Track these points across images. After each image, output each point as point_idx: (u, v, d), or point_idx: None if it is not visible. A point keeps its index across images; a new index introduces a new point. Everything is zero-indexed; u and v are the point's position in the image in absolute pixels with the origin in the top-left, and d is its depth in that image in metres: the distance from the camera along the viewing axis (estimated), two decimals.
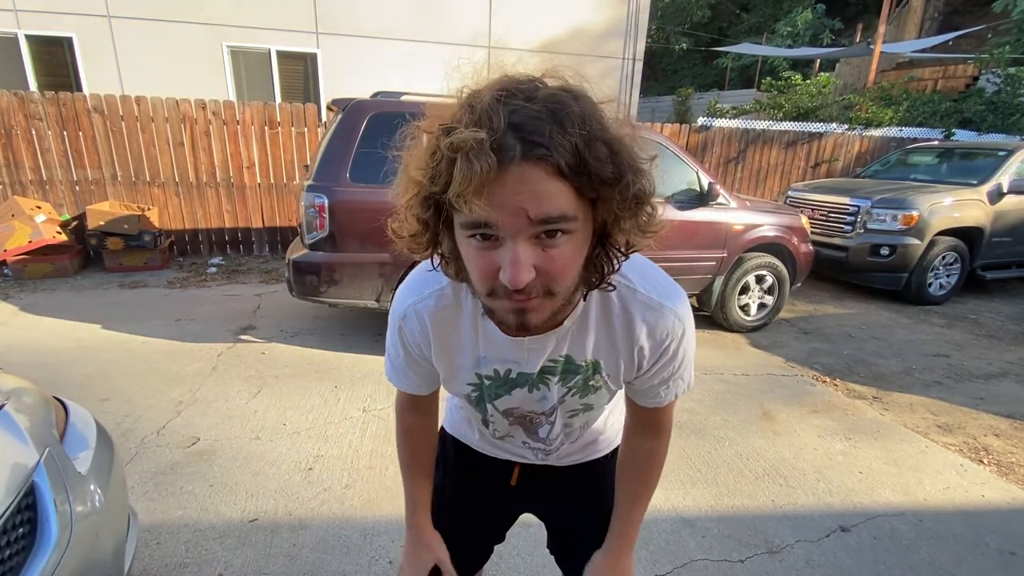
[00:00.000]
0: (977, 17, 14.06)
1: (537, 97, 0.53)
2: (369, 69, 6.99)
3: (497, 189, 0.51)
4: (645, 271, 0.74)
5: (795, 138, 7.31)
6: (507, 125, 0.51)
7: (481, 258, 0.58)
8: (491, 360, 0.78)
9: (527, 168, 0.51)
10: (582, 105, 0.54)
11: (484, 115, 0.52)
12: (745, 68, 17.93)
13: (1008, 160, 5.12)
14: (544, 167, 0.51)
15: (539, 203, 0.52)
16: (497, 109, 0.52)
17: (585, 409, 0.85)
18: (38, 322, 3.67)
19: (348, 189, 3.10)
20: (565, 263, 0.58)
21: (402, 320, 0.80)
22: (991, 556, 1.91)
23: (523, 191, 0.52)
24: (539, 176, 0.51)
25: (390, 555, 1.78)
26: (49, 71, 6.24)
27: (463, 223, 0.57)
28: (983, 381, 3.43)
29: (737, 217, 3.85)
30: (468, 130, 0.51)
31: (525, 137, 0.51)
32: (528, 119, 0.51)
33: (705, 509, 2.08)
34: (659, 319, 0.72)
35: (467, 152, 0.50)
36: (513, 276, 0.55)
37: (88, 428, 1.34)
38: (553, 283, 0.58)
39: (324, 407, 2.71)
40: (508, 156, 0.50)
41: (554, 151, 0.51)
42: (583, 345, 0.75)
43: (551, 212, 0.53)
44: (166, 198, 5.47)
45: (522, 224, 0.53)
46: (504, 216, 0.53)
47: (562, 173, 0.52)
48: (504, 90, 0.53)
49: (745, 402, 2.97)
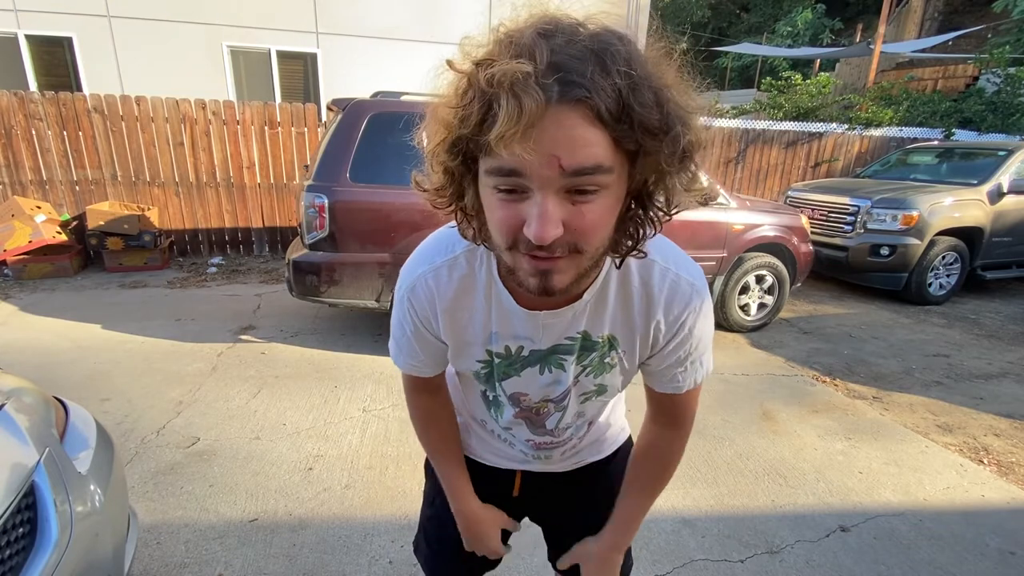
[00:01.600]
0: (977, 17, 14.07)
1: (579, 37, 0.49)
2: (369, 69, 6.99)
3: (531, 134, 0.47)
4: (664, 245, 0.71)
5: (795, 138, 7.31)
6: (548, 64, 0.46)
7: (505, 209, 0.53)
8: (503, 336, 0.74)
9: (564, 111, 0.47)
10: (627, 47, 0.49)
11: (526, 49, 0.47)
12: (745, 68, 17.95)
13: (1008, 160, 5.12)
14: (583, 111, 0.47)
15: (574, 151, 0.48)
16: (540, 44, 0.47)
17: (599, 391, 0.81)
18: (38, 322, 3.67)
19: (348, 189, 3.10)
20: (596, 220, 0.53)
21: (410, 292, 0.75)
22: (991, 556, 1.91)
23: (559, 136, 0.47)
24: (576, 121, 0.47)
25: (390, 555, 1.78)
26: (49, 71, 6.23)
27: (489, 170, 0.52)
28: (983, 381, 3.43)
29: (737, 217, 3.85)
30: (512, 62, 0.46)
31: (564, 77, 0.46)
32: (568, 58, 0.47)
33: (705, 509, 2.08)
34: (677, 291, 0.69)
35: (511, 87, 0.45)
36: (539, 231, 0.50)
37: (88, 428, 1.34)
38: (581, 240, 0.53)
39: (324, 407, 2.71)
40: (545, 97, 0.46)
41: (595, 93, 0.46)
42: (601, 319, 0.71)
43: (586, 162, 0.48)
44: (166, 198, 5.46)
45: (553, 174, 0.49)
46: (535, 164, 0.48)
47: (602, 119, 0.47)
48: (547, 26, 0.49)
49: (745, 402, 2.97)
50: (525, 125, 0.46)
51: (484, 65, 0.48)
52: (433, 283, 0.73)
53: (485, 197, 0.56)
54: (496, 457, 0.96)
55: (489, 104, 0.47)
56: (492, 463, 0.97)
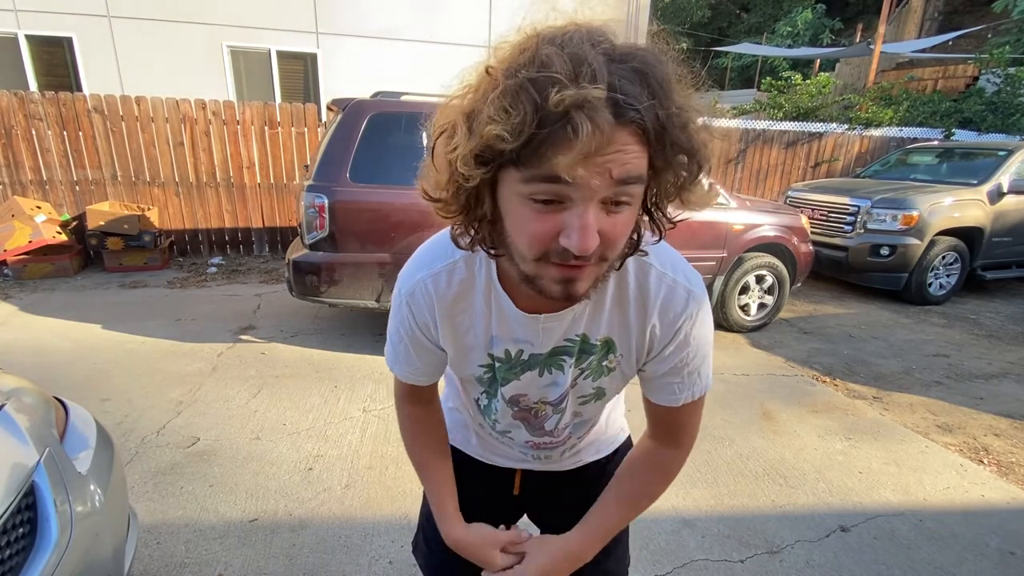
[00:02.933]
0: (977, 17, 14.07)
1: (619, 54, 0.50)
2: (369, 69, 6.99)
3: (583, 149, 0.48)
4: (662, 249, 0.72)
5: (795, 138, 7.31)
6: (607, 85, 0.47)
7: (540, 220, 0.53)
8: (503, 340, 0.74)
9: (618, 131, 0.48)
10: (664, 69, 0.51)
11: (591, 72, 0.47)
12: (745, 68, 17.95)
13: (1008, 160, 5.12)
14: (633, 131, 0.49)
15: (623, 165, 0.50)
16: (599, 63, 0.48)
17: (597, 395, 0.81)
18: (38, 322, 3.67)
19: (348, 189, 3.10)
20: (624, 229, 0.56)
21: (409, 297, 0.74)
22: (991, 556, 1.91)
23: (610, 152, 0.49)
24: (627, 139, 0.49)
25: (390, 555, 1.78)
26: (49, 71, 6.23)
27: (530, 178, 0.51)
28: (983, 381, 3.43)
29: (737, 217, 3.85)
30: (589, 87, 0.46)
31: (622, 100, 0.48)
32: (621, 80, 0.48)
33: (705, 509, 2.08)
34: (673, 296, 0.70)
35: (587, 112, 0.46)
36: (582, 241, 0.51)
37: (88, 428, 1.34)
38: (609, 249, 0.56)
39: (324, 407, 2.71)
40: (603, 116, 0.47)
41: (645, 116, 0.48)
42: (598, 322, 0.72)
43: (632, 173, 0.51)
44: (166, 198, 5.46)
45: (604, 185, 0.50)
46: (587, 177, 0.49)
47: (646, 139, 0.50)
48: (596, 38, 0.50)
49: (745, 402, 2.97)
50: (597, 147, 0.47)
51: (548, 84, 0.47)
52: (432, 288, 0.72)
53: (513, 206, 0.55)
54: (496, 456, 0.96)
55: (546, 121, 0.47)
56: (492, 462, 0.97)
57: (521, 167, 0.51)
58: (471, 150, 0.51)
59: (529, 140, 0.48)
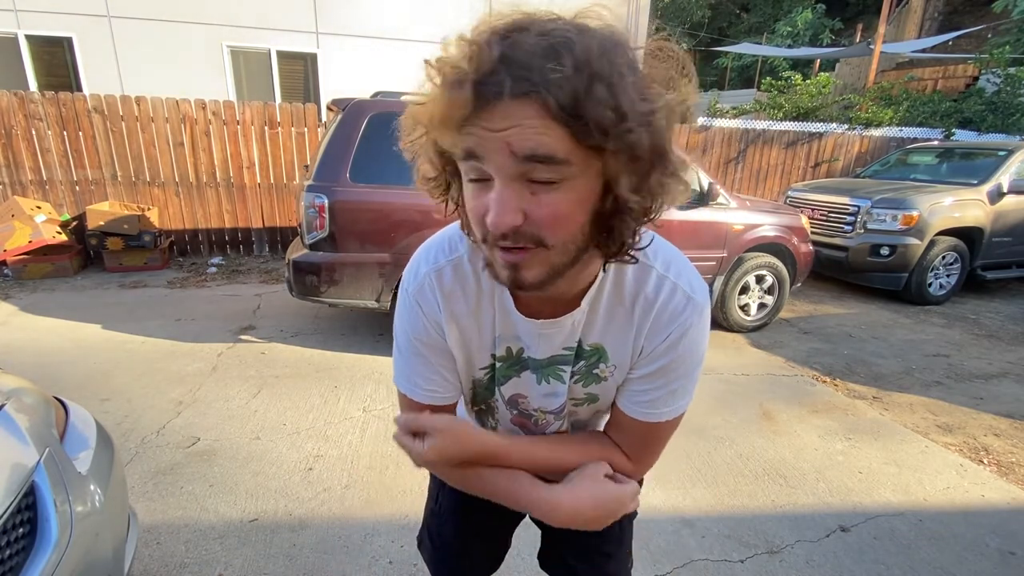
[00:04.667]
0: (977, 17, 14.07)
1: (546, 31, 0.49)
2: (369, 69, 6.99)
3: (484, 124, 0.49)
4: (667, 252, 0.69)
5: (795, 138, 7.30)
6: (499, 58, 0.47)
7: (476, 199, 0.55)
8: (505, 338, 0.73)
9: (515, 105, 0.47)
10: (587, 39, 0.48)
11: (474, 46, 0.49)
12: (745, 68, 17.95)
13: (1008, 160, 5.12)
14: (533, 105, 0.47)
15: (524, 139, 0.48)
16: (490, 40, 0.48)
17: (589, 399, 0.79)
18: (38, 322, 3.67)
19: (348, 189, 3.10)
20: (557, 211, 0.52)
21: (418, 294, 0.71)
22: (991, 556, 1.91)
23: (509, 126, 0.48)
24: (528, 113, 0.48)
25: (390, 555, 1.78)
26: (49, 71, 6.23)
27: (458, 158, 0.55)
28: (983, 381, 3.43)
29: (737, 217, 3.85)
30: (452, 58, 0.49)
31: (514, 72, 0.47)
32: (521, 53, 0.47)
33: (705, 509, 2.08)
34: (671, 300, 0.67)
35: (447, 80, 0.49)
36: (494, 217, 0.51)
37: (88, 428, 1.34)
38: (545, 232, 0.53)
39: (324, 407, 2.71)
40: (495, 91, 0.47)
41: (544, 89, 0.46)
42: (593, 328, 0.71)
43: (538, 149, 0.48)
44: (166, 198, 5.46)
45: (506, 160, 0.49)
46: (489, 150, 0.50)
47: (554, 114, 0.47)
48: (512, 24, 0.50)
49: (745, 402, 2.97)
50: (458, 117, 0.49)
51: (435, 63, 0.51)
52: (437, 283, 0.71)
53: (465, 190, 0.58)
54: None
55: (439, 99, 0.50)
56: None
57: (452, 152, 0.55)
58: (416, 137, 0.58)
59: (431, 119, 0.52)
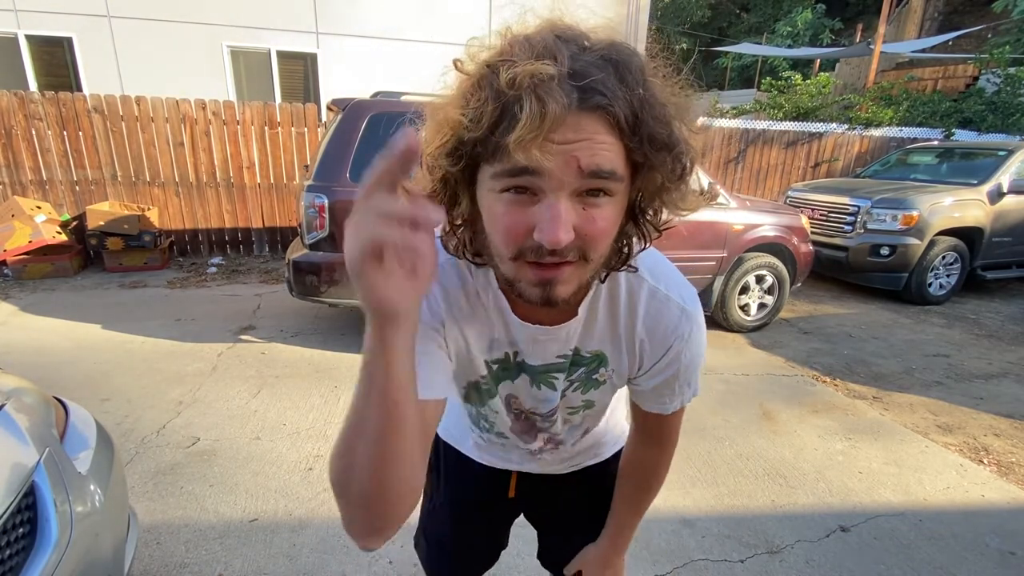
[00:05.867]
0: (977, 17, 14.07)
1: (592, 45, 0.49)
2: (369, 69, 6.98)
3: (551, 137, 0.46)
4: (657, 263, 0.70)
5: (795, 138, 7.31)
6: (568, 68, 0.46)
7: (512, 214, 0.51)
8: (501, 343, 0.72)
9: (584, 118, 0.47)
10: (640, 60, 0.50)
11: (547, 52, 0.46)
12: (745, 68, 17.94)
13: (1008, 160, 5.12)
14: (602, 119, 0.47)
15: (593, 154, 0.47)
16: (560, 47, 0.47)
17: (586, 406, 0.80)
18: (38, 322, 3.67)
19: (348, 189, 3.09)
20: (605, 226, 0.52)
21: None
22: (991, 556, 1.91)
23: (578, 139, 0.47)
24: (595, 128, 0.47)
25: (390, 555, 1.78)
26: (49, 71, 6.23)
27: (499, 172, 0.50)
28: (983, 381, 3.43)
29: (737, 217, 3.85)
30: (537, 63, 0.45)
31: (585, 85, 0.46)
32: (588, 65, 0.47)
33: (705, 509, 2.08)
34: (665, 312, 0.68)
35: (535, 89, 0.45)
36: (552, 233, 0.48)
37: (88, 428, 1.34)
38: (590, 247, 0.52)
39: (324, 407, 2.71)
40: (565, 102, 0.45)
41: (614, 102, 0.47)
42: (591, 335, 0.70)
43: (603, 165, 0.48)
44: (166, 198, 5.46)
45: (571, 175, 0.48)
46: (553, 165, 0.47)
47: (619, 128, 0.48)
48: (563, 31, 0.49)
49: (745, 402, 2.97)
50: (548, 128, 0.45)
51: (503, 66, 0.47)
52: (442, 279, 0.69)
53: (488, 203, 0.53)
54: (492, 457, 0.94)
55: (505, 106, 0.46)
56: (488, 462, 0.96)
57: (492, 161, 0.50)
58: (441, 142, 0.52)
59: (492, 129, 0.47)
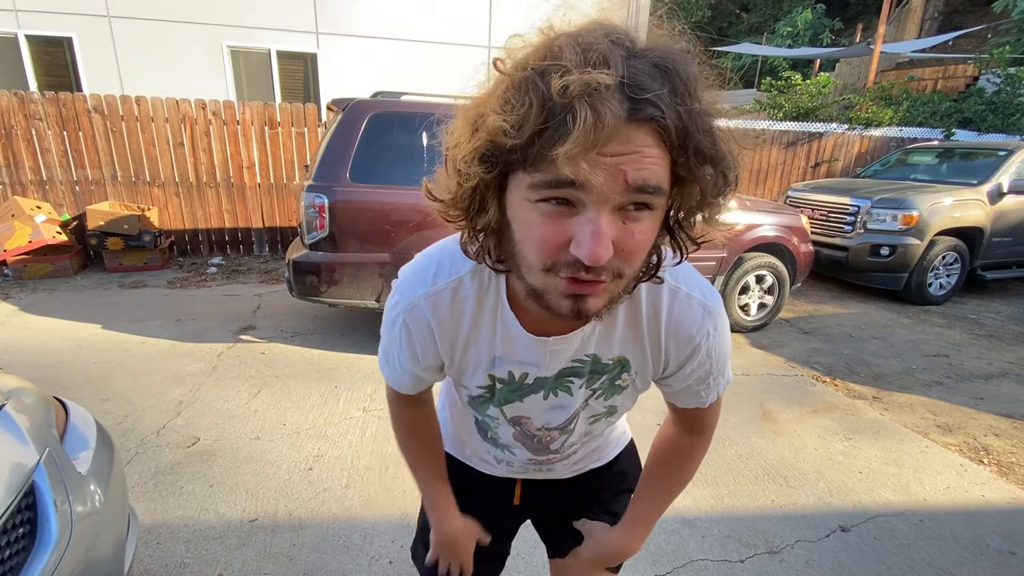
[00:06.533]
0: (977, 17, 14.07)
1: (642, 51, 0.46)
2: (369, 69, 6.99)
3: (598, 148, 0.44)
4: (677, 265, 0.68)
5: (795, 138, 7.31)
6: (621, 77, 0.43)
7: (549, 225, 0.48)
8: (507, 361, 0.70)
9: (633, 129, 0.44)
10: (691, 68, 0.47)
11: (602, 59, 0.43)
12: (745, 68, 17.94)
13: (1008, 160, 5.12)
14: (652, 131, 0.45)
15: (641, 168, 0.45)
16: (615, 54, 0.44)
17: (608, 412, 0.78)
18: (38, 322, 3.67)
19: (348, 189, 3.10)
20: (643, 241, 0.50)
21: (408, 314, 0.69)
22: (991, 556, 1.91)
23: (625, 152, 0.44)
24: (645, 140, 0.45)
25: (390, 555, 1.78)
26: (49, 71, 6.23)
27: (539, 183, 0.47)
28: (983, 381, 3.43)
29: (737, 217, 3.85)
30: (594, 71, 0.42)
31: (637, 95, 0.44)
32: (640, 74, 0.44)
33: (705, 509, 2.08)
34: (688, 312, 0.67)
35: (589, 98, 0.42)
36: (593, 250, 0.46)
37: (88, 428, 1.34)
38: (626, 264, 0.50)
39: (324, 407, 2.71)
40: (615, 113, 0.43)
41: (667, 115, 0.44)
42: (611, 341, 0.68)
43: (650, 180, 0.46)
44: (166, 198, 5.46)
45: (617, 190, 0.45)
46: (599, 178, 0.44)
47: (667, 141, 0.46)
48: (616, 34, 0.46)
49: (745, 402, 2.97)
50: (599, 140, 0.43)
51: (555, 71, 0.44)
52: (431, 309, 0.68)
53: (520, 212, 0.51)
54: (495, 467, 0.93)
55: (551, 113, 0.44)
56: (491, 472, 0.94)
57: (530, 170, 0.47)
58: (475, 147, 0.49)
59: (535, 137, 0.45)
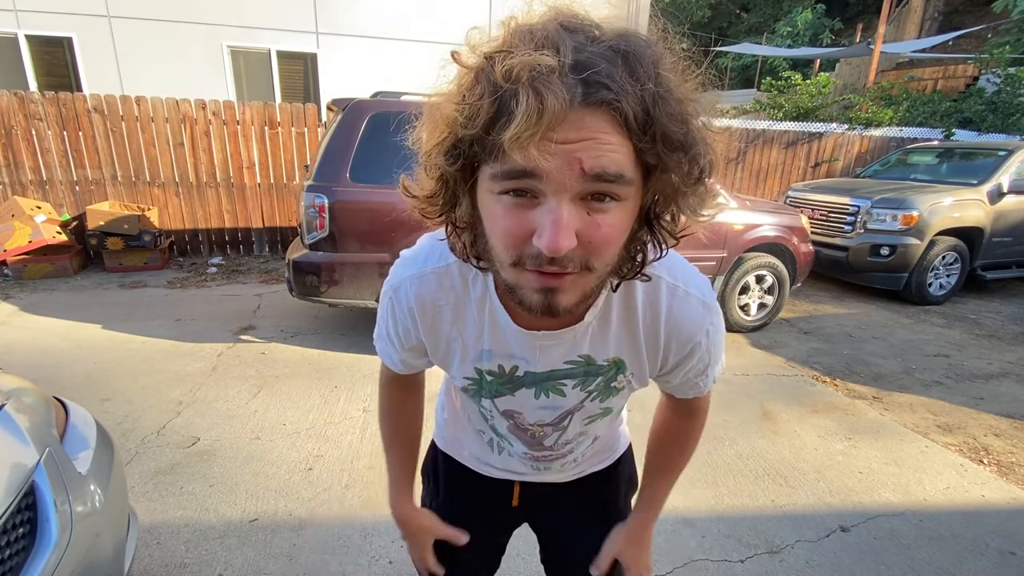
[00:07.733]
0: (977, 17, 14.07)
1: (602, 36, 0.45)
2: (369, 69, 6.99)
3: (550, 135, 0.42)
4: (670, 258, 0.66)
5: (795, 138, 7.30)
6: (572, 60, 0.42)
7: (512, 217, 0.48)
8: (496, 355, 0.69)
9: (587, 114, 0.43)
10: (655, 51, 0.45)
11: (549, 42, 0.42)
12: (745, 68, 17.96)
13: (1008, 160, 5.12)
14: (608, 116, 0.43)
15: (597, 155, 0.43)
16: (564, 38, 0.43)
17: (604, 414, 0.78)
18: (38, 322, 3.67)
19: (348, 189, 3.10)
20: (611, 233, 0.48)
21: (393, 293, 0.70)
22: (991, 556, 1.91)
23: (581, 139, 0.43)
24: (601, 125, 0.43)
25: (390, 555, 1.78)
26: (49, 71, 6.23)
27: (498, 174, 0.46)
28: (983, 381, 3.43)
29: (737, 217, 3.85)
30: (536, 53, 0.41)
31: (590, 77, 0.42)
32: (594, 57, 0.43)
33: (705, 509, 2.08)
34: (686, 309, 0.66)
35: (531, 82, 0.41)
36: (552, 240, 0.45)
37: (88, 428, 1.34)
38: (594, 256, 0.49)
39: (324, 407, 2.71)
40: (566, 98, 0.41)
41: (622, 98, 0.42)
42: (605, 342, 0.67)
43: (609, 168, 0.44)
44: (166, 198, 5.46)
45: (573, 178, 0.44)
46: (553, 166, 0.43)
47: (627, 127, 0.44)
48: (569, 20, 0.45)
49: (745, 402, 2.97)
50: (545, 126, 0.41)
51: (499, 57, 0.43)
52: (415, 291, 0.68)
53: (487, 206, 0.51)
54: (493, 468, 0.92)
55: (502, 101, 0.43)
56: (489, 473, 0.93)
57: (491, 161, 0.47)
58: (439, 140, 0.49)
59: (489, 127, 0.44)
